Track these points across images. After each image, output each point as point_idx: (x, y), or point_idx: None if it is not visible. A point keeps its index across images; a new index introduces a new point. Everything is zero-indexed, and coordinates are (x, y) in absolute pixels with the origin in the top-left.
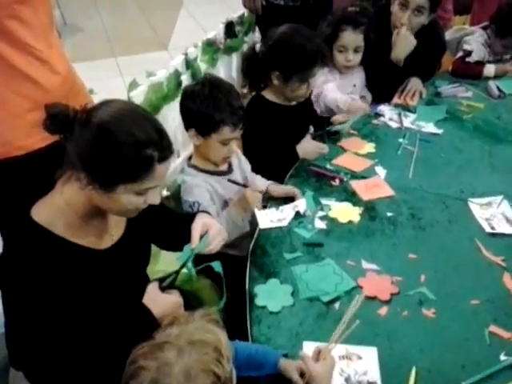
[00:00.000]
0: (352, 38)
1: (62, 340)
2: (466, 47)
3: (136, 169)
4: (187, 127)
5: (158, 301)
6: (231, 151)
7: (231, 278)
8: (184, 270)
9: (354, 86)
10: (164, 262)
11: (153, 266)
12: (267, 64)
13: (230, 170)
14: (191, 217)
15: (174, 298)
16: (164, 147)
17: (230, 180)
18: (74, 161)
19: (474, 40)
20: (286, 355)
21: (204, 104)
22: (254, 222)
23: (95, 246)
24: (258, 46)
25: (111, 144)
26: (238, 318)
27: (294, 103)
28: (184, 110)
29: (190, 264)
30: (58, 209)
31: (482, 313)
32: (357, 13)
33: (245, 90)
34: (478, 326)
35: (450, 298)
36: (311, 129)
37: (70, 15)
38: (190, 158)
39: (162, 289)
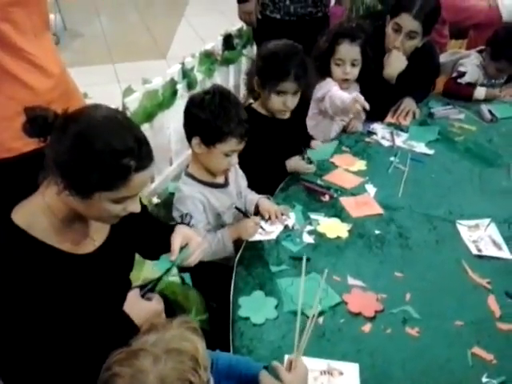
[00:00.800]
0: (349, 51)
1: (39, 344)
2: (461, 69)
3: (112, 178)
4: (191, 135)
5: (138, 308)
6: (232, 163)
7: (217, 288)
8: (166, 279)
9: None
10: (148, 269)
11: (137, 272)
12: (254, 70)
13: (226, 183)
14: (171, 227)
15: (154, 306)
16: (142, 156)
17: (236, 207)
18: (51, 166)
19: (469, 62)
20: (266, 367)
21: (213, 114)
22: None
23: (76, 251)
24: None
25: (87, 152)
26: (221, 329)
27: (283, 117)
28: (190, 118)
29: (174, 271)
30: (39, 212)
31: (466, 334)
32: (353, 27)
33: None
34: (461, 347)
35: (434, 318)
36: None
37: (70, 20)
38: (188, 165)
39: (143, 296)
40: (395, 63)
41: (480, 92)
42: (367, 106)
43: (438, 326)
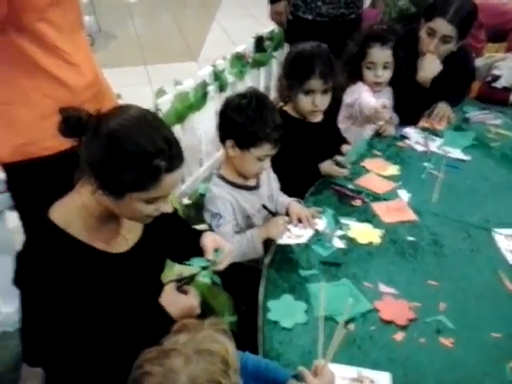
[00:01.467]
0: (380, 54)
1: (74, 338)
2: (495, 72)
3: (143, 179)
4: (225, 137)
5: (174, 301)
6: (265, 167)
7: (246, 291)
8: (199, 279)
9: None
10: (178, 269)
11: (168, 272)
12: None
13: (257, 185)
14: (199, 232)
15: (190, 300)
16: (173, 157)
17: (264, 206)
18: (84, 165)
19: (504, 65)
20: (295, 376)
21: (249, 119)
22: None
23: (110, 250)
24: None
25: (118, 153)
26: (250, 331)
27: (316, 120)
28: (225, 121)
29: (207, 272)
30: (75, 210)
31: (503, 347)
32: (384, 30)
33: None
34: (498, 360)
35: (469, 329)
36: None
37: (104, 22)
38: (219, 167)
39: (179, 289)
40: (430, 67)
41: None
42: (387, 117)
43: (474, 337)
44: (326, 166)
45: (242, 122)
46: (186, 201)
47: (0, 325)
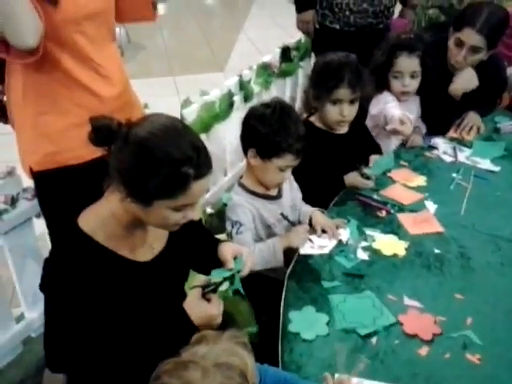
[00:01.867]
0: (408, 63)
1: (96, 346)
2: None
3: (172, 186)
4: (247, 146)
5: (197, 307)
6: (286, 178)
7: (267, 301)
8: (227, 288)
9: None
10: (204, 277)
11: (192, 281)
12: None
13: (279, 195)
14: (216, 241)
15: (211, 309)
16: (201, 164)
17: (282, 214)
18: (114, 173)
19: None
20: None
21: (273, 129)
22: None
23: (136, 258)
24: None
25: (147, 160)
26: (271, 342)
27: (341, 131)
28: (248, 130)
29: (236, 282)
30: (103, 218)
31: None
32: (411, 38)
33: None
34: None
35: (498, 345)
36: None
37: (134, 34)
38: (241, 176)
39: (204, 295)
40: (465, 82)
41: None
42: (409, 132)
43: (502, 354)
44: (351, 178)
45: (265, 131)
46: (209, 210)
47: (24, 330)
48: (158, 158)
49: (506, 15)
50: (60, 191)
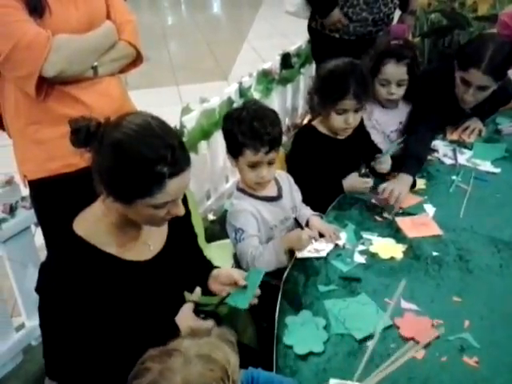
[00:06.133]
0: (395, 71)
1: (92, 351)
2: None
3: (148, 185)
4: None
5: (188, 323)
6: (261, 176)
7: (268, 307)
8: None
9: (401, 123)
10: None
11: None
12: (313, 89)
13: (278, 196)
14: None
15: (204, 325)
16: (175, 162)
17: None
18: (94, 174)
19: None
20: None
21: (233, 126)
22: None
23: (133, 258)
24: None
25: (121, 162)
26: (270, 348)
27: (343, 136)
28: (223, 132)
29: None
30: (96, 219)
31: None
32: (401, 46)
33: (287, 121)
34: None
35: (496, 348)
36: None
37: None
38: (239, 182)
39: (197, 312)
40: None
41: None
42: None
43: (500, 357)
44: (350, 179)
45: (228, 129)
46: (211, 217)
47: (24, 338)
48: (132, 159)
49: (510, 48)
50: (54, 199)
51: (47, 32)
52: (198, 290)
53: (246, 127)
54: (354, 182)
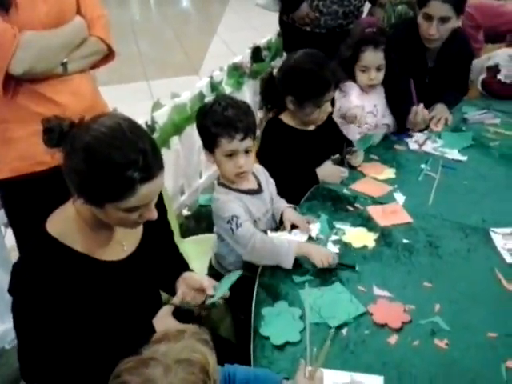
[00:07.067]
0: (373, 57)
1: (67, 350)
2: (490, 63)
3: (118, 190)
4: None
5: (166, 324)
6: (239, 166)
7: (245, 300)
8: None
9: (375, 106)
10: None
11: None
12: (282, 88)
13: (259, 189)
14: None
15: (180, 326)
16: (148, 167)
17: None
18: (65, 175)
19: (497, 56)
20: (287, 378)
21: (206, 119)
22: None
23: (106, 257)
24: (275, 71)
25: (90, 166)
26: (247, 340)
27: (311, 128)
28: (197, 129)
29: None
30: (69, 219)
31: (500, 347)
32: (375, 33)
33: (259, 114)
34: (494, 360)
35: (465, 330)
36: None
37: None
38: (219, 177)
39: (175, 315)
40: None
41: None
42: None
43: (469, 338)
44: (327, 168)
45: (201, 124)
46: (185, 212)
47: None
48: (101, 163)
49: None
50: (25, 199)
51: (14, 29)
52: (179, 293)
53: (218, 117)
54: (330, 170)
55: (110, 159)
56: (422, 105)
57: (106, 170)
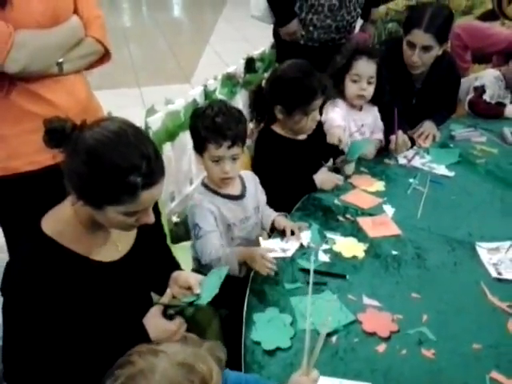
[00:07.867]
0: (366, 67)
1: (56, 351)
2: (477, 84)
3: (119, 194)
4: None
5: (156, 324)
6: (225, 171)
7: (228, 298)
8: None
9: (362, 125)
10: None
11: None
12: (270, 99)
13: (241, 195)
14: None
15: (172, 327)
16: (150, 173)
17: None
18: (65, 176)
19: (484, 77)
20: None
21: (197, 122)
22: None
23: (101, 258)
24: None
25: (93, 169)
26: (232, 340)
27: (302, 137)
28: (190, 130)
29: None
30: (65, 219)
31: (484, 358)
32: (370, 46)
33: (251, 125)
34: (478, 371)
35: (451, 340)
36: (331, 160)
37: None
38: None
39: (165, 315)
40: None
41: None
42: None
43: (455, 348)
44: (324, 175)
45: (191, 126)
46: (175, 219)
47: None
48: (104, 167)
49: (449, 12)
50: (18, 198)
51: (9, 27)
52: (168, 292)
53: (208, 122)
54: (324, 176)
55: (113, 163)
56: (400, 131)
57: (108, 173)
